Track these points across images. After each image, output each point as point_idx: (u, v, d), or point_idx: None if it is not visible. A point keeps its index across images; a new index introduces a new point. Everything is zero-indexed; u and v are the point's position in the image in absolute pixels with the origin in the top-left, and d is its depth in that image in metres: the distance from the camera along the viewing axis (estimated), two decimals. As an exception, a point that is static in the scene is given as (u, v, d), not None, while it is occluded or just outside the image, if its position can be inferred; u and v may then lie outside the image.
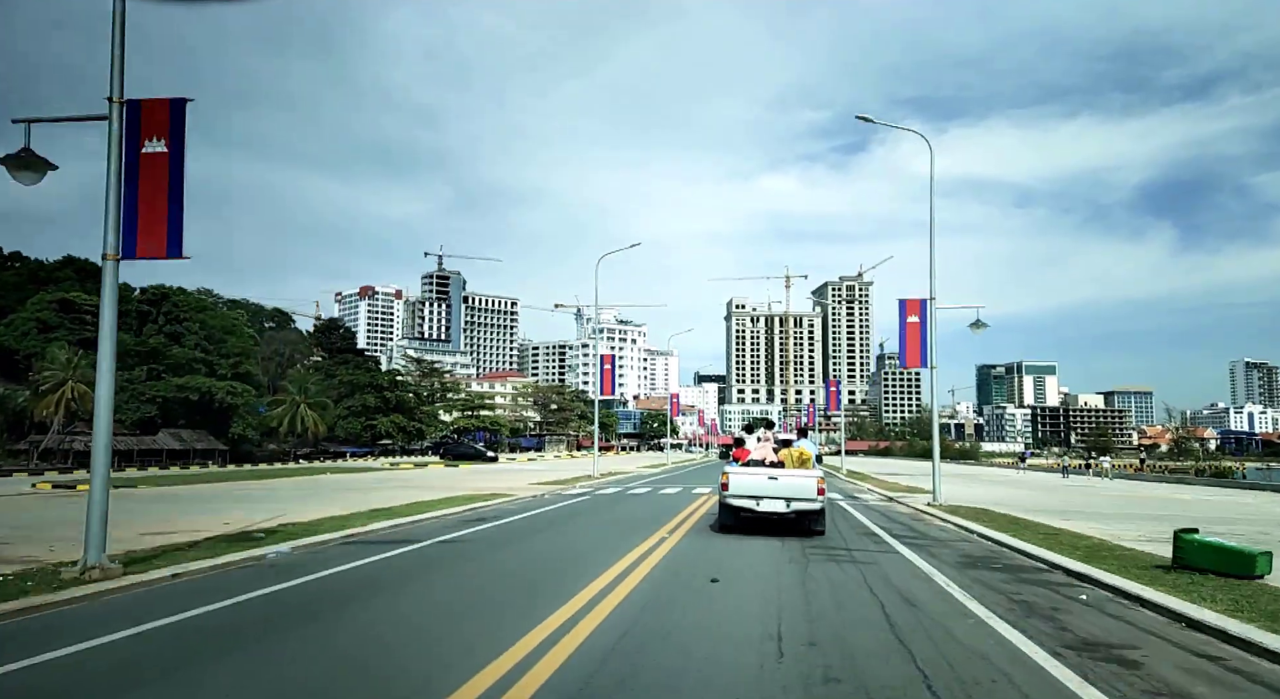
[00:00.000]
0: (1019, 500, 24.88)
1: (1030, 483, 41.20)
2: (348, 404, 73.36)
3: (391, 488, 26.09)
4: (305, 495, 23.35)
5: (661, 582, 9.52)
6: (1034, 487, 36.73)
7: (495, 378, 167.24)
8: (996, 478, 47.30)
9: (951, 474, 43.11)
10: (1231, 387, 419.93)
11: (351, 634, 6.93)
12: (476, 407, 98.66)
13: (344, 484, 29.59)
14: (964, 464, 77.56)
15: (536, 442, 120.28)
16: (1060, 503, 24.78)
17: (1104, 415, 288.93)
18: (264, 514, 16.85)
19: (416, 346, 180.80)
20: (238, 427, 62.90)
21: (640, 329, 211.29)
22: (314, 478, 35.02)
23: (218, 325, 69.45)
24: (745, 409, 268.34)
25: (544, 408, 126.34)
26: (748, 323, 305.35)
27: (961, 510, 19.77)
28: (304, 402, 68.88)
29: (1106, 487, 38.75)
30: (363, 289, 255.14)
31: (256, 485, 29.06)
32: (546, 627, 6.91)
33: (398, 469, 46.05)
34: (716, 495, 15.86)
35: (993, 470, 62.25)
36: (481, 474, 37.86)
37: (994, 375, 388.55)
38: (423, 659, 6.02)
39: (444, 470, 43.60)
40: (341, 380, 74.48)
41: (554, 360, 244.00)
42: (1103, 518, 19.02)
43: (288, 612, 7.83)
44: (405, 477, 35.90)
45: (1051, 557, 11.80)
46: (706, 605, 8.23)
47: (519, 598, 8.44)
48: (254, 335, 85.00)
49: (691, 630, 7.04)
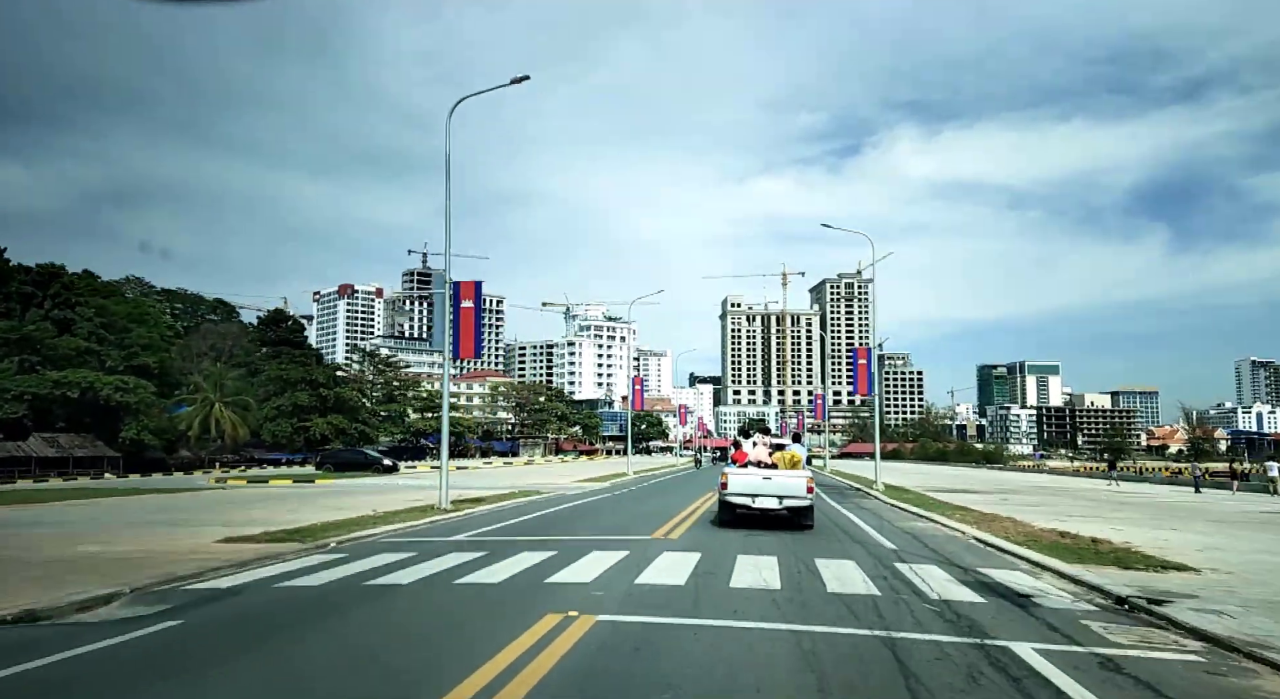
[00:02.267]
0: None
1: (1188, 511, 25.13)
2: (277, 404, 63.12)
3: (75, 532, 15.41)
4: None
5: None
6: (1225, 523, 20.85)
7: (474, 377, 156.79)
8: (1125, 500, 30.81)
9: (1024, 490, 33.18)
10: (1237, 386, 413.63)
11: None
12: (438, 406, 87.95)
13: (56, 519, 18.77)
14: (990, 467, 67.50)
15: (511, 445, 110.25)
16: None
17: (1112, 416, 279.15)
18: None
19: (391, 345, 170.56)
20: (131, 430, 52.69)
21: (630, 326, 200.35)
22: (81, 504, 23.28)
23: (121, 313, 59.18)
24: (741, 411, 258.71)
25: (520, 408, 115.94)
26: (743, 322, 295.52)
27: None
28: (220, 401, 58.70)
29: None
30: (342, 287, 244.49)
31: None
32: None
33: (231, 489, 33.45)
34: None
35: (1073, 482, 49.41)
36: (319, 498, 25.58)
37: (995, 375, 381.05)
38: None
39: (277, 492, 30.28)
40: (270, 376, 64.17)
41: (542, 361, 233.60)
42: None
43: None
44: (182, 505, 23.07)
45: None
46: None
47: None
48: (176, 327, 74.79)
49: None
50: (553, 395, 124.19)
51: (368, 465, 46.87)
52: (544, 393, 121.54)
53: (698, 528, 16.96)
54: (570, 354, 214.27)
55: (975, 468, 71.13)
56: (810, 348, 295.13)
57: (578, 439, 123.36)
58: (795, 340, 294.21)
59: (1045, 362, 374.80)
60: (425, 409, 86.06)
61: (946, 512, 21.53)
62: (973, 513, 21.00)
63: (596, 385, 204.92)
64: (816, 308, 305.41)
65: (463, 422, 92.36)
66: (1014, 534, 15.94)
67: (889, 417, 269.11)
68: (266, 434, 62.27)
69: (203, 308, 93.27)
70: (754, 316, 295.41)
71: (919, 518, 20.56)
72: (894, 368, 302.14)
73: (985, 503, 25.34)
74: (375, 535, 15.17)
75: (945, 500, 25.92)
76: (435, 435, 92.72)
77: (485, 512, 20.52)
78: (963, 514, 20.64)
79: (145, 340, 60.14)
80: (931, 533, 17.20)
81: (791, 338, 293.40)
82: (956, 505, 23.52)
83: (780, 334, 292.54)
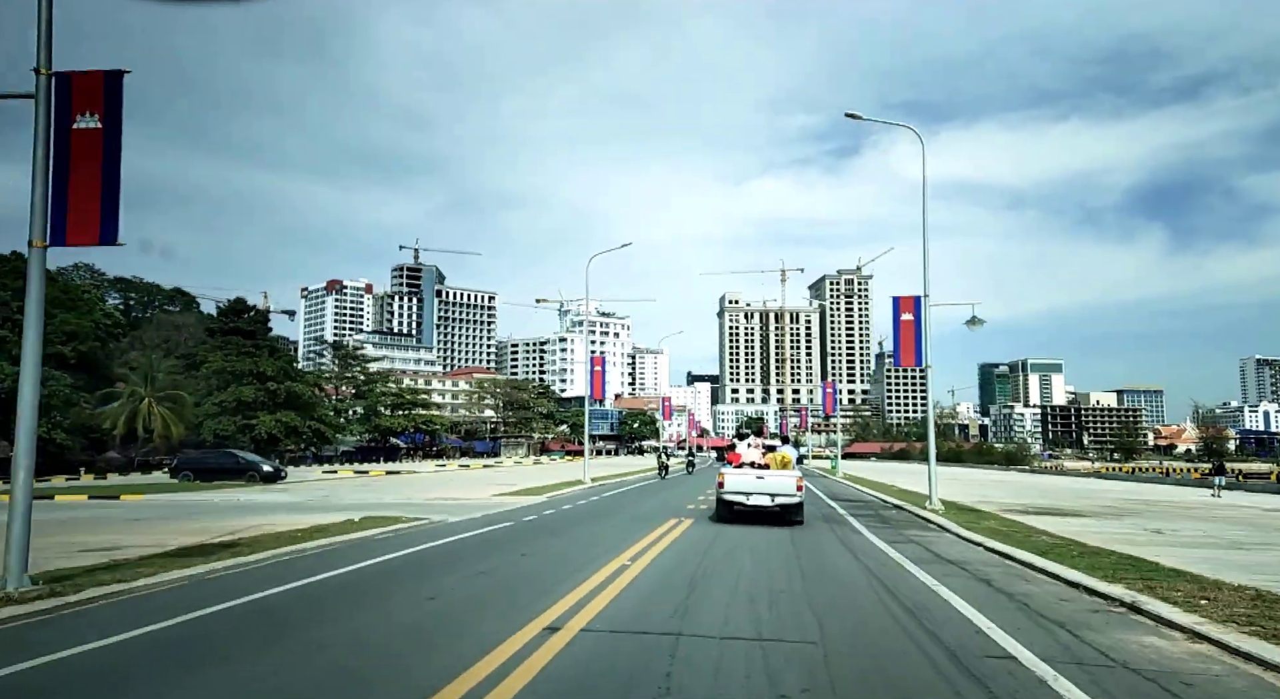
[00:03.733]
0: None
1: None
2: (219, 399, 56.93)
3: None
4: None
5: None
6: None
7: (460, 374, 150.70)
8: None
9: (1135, 509, 23.23)
10: (1242, 384, 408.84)
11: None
12: (410, 403, 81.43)
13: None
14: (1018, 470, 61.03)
15: (492, 445, 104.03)
16: None
17: (1119, 415, 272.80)
18: None
19: (376, 341, 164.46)
20: (42, 427, 46.48)
21: (624, 322, 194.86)
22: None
23: (46, 298, 52.92)
24: (739, 409, 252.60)
25: (501, 406, 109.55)
26: (741, 319, 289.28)
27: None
28: (150, 395, 52.50)
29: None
30: (330, 283, 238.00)
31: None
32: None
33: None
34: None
35: (1164, 491, 39.21)
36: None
37: (997, 374, 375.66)
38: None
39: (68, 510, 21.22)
40: (213, 369, 57.94)
41: (534, 358, 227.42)
42: None
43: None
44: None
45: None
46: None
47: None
48: (116, 315, 68.63)
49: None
50: (538, 392, 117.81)
51: (240, 472, 37.61)
52: (528, 390, 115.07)
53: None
54: (562, 350, 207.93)
55: (1004, 471, 63.64)
56: (810, 346, 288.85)
57: (566, 438, 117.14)
58: (795, 338, 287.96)
59: (1048, 359, 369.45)
60: (397, 406, 79.73)
61: (1135, 576, 10.31)
62: (1190, 580, 9.99)
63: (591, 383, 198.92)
64: (816, 305, 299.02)
65: (437, 420, 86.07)
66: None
67: (892, 416, 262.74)
68: (207, 433, 56.08)
69: (160, 298, 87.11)
70: (752, 314, 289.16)
71: (1099, 602, 9.14)
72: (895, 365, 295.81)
73: (1135, 540, 14.98)
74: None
75: (1064, 536, 15.17)
76: (408, 435, 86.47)
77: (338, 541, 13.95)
78: (1182, 588, 9.38)
79: (72, 328, 53.98)
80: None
81: (791, 335, 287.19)
82: (1109, 552, 12.75)
83: (779, 331, 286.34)
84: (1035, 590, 9.86)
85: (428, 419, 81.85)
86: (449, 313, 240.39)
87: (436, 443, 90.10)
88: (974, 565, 12.04)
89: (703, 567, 11.12)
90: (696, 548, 13.21)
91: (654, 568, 10.94)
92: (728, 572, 10.70)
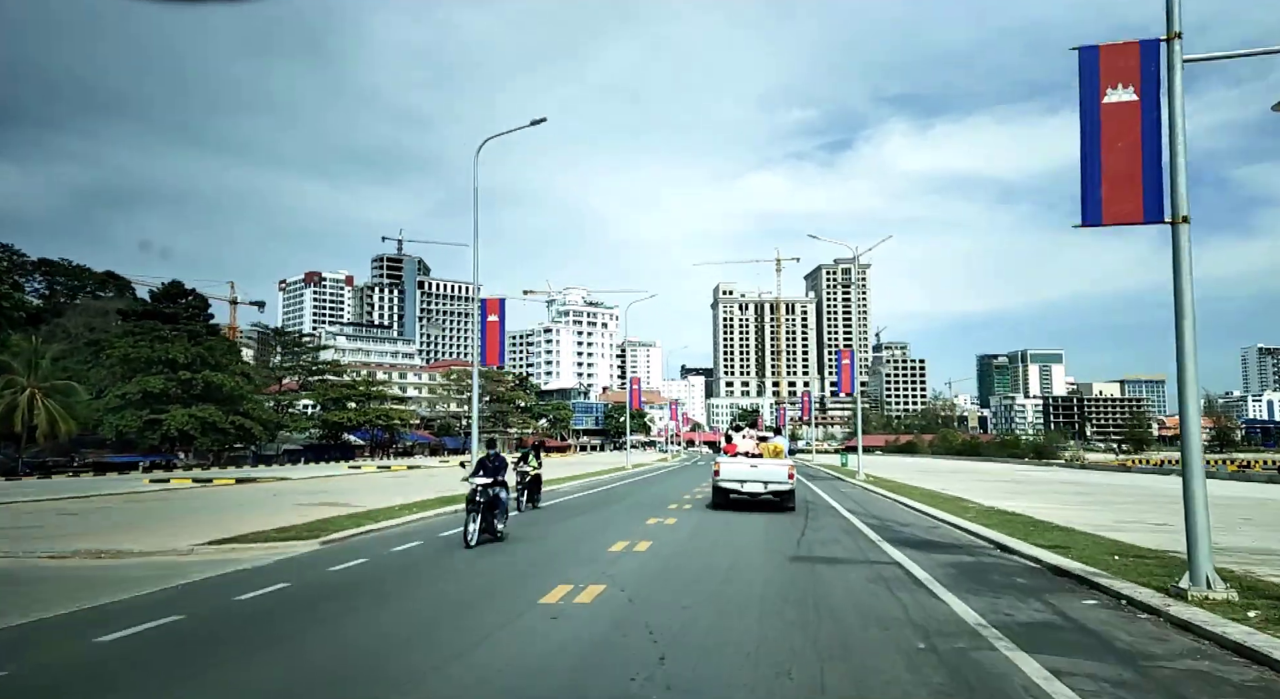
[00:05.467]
0: None
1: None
2: (122, 391, 49.06)
3: None
4: None
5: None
6: None
7: (439, 367, 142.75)
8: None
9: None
10: (1244, 374, 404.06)
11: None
12: (364, 396, 73.24)
13: None
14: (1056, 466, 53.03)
15: (463, 441, 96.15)
16: None
17: (1124, 405, 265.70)
18: None
19: (350, 333, 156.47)
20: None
21: (612, 312, 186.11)
22: None
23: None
24: (733, 403, 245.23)
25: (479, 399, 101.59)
26: (736, 310, 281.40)
27: None
28: (34, 386, 44.69)
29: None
30: (308, 275, 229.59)
31: None
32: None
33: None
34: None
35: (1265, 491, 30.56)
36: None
37: (996, 365, 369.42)
38: None
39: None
40: (117, 357, 49.99)
41: (521, 352, 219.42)
42: None
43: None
44: None
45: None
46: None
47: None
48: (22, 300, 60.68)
49: None
50: (514, 384, 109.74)
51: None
52: (504, 381, 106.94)
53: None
54: (548, 342, 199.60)
55: (1047, 468, 53.67)
56: (806, 337, 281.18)
57: (545, 433, 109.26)
58: (790, 329, 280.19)
59: (1049, 349, 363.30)
60: (345, 399, 71.41)
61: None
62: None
63: (576, 375, 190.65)
64: (813, 295, 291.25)
65: (396, 414, 77.90)
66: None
67: (890, 407, 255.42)
68: (109, 430, 48.27)
69: (90, 283, 79.07)
70: (747, 305, 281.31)
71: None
72: (893, 357, 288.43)
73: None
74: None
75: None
76: (363, 431, 78.58)
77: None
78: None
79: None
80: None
81: (786, 327, 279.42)
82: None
83: (775, 323, 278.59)
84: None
85: (383, 413, 73.73)
86: (432, 305, 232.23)
87: (397, 440, 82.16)
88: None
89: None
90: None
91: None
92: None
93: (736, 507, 19.56)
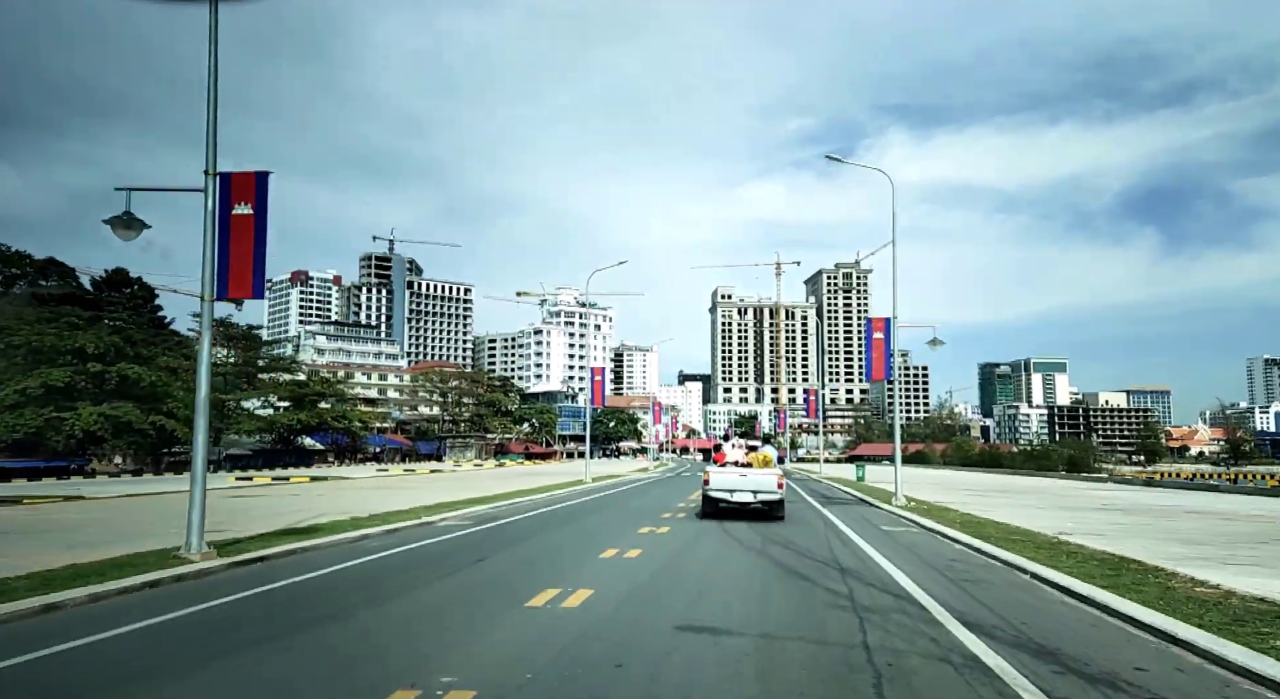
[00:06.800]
0: None
1: None
2: (21, 386, 42.72)
3: None
4: None
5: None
6: None
7: (421, 369, 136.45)
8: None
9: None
10: (1249, 385, 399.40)
11: None
12: (316, 395, 66.24)
13: None
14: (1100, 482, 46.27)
15: (437, 446, 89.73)
16: None
17: (1130, 415, 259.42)
18: None
19: (331, 332, 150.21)
20: None
21: (606, 314, 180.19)
22: None
23: None
24: (731, 409, 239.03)
25: (450, 402, 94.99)
26: (735, 315, 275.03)
27: None
28: (-89, 378, 38.43)
29: None
30: (294, 274, 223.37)
31: None
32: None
33: None
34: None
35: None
36: None
37: (998, 374, 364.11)
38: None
39: None
40: (17, 344, 43.63)
41: (511, 354, 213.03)
42: None
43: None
44: None
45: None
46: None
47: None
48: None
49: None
50: (496, 385, 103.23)
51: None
52: (485, 382, 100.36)
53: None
54: (538, 344, 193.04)
55: (1094, 483, 45.38)
56: (806, 342, 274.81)
57: (529, 438, 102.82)
58: (790, 335, 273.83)
59: (1052, 358, 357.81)
60: (296, 398, 64.64)
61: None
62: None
63: (567, 379, 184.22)
64: (813, 300, 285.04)
65: (355, 416, 71.05)
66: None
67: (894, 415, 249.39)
68: (3, 429, 41.91)
69: (29, 270, 72.68)
70: (746, 309, 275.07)
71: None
72: (897, 364, 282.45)
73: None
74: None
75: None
76: (321, 434, 72.10)
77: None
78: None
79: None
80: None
81: (786, 332, 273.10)
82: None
83: (774, 328, 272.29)
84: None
85: (339, 415, 67.03)
86: (421, 306, 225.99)
87: (358, 444, 75.67)
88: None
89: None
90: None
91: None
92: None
93: (725, 515, 18.68)
